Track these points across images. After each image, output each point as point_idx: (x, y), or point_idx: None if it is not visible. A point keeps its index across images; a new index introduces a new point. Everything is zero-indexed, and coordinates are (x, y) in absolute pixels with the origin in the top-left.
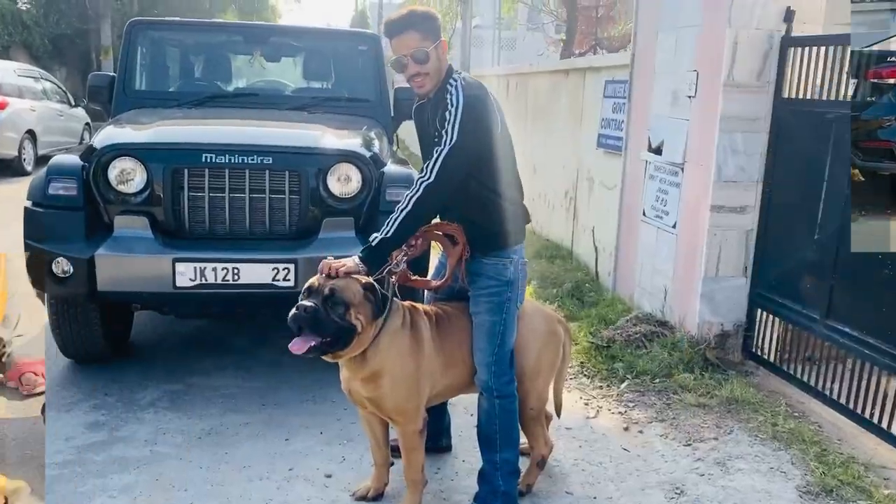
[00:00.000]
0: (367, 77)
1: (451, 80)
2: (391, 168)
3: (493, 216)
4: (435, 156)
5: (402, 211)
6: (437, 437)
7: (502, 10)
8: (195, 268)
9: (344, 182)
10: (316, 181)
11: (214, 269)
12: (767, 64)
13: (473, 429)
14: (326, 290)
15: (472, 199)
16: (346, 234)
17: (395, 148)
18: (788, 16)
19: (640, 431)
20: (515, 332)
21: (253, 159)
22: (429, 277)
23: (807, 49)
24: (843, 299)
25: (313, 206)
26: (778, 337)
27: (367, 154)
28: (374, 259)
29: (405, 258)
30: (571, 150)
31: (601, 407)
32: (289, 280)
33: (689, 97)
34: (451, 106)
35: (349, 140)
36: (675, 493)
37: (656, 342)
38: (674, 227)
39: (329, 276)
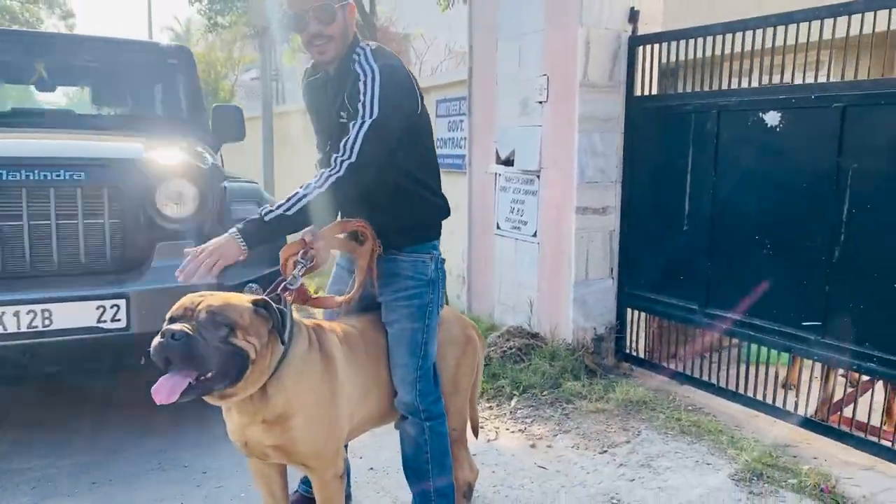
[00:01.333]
0: (179, 94)
1: (358, 49)
2: (233, 183)
3: (412, 205)
4: (353, 132)
5: (314, 189)
6: None
7: (285, 60)
8: None
9: (177, 200)
10: (143, 200)
11: (16, 314)
12: (617, 63)
13: (368, 472)
14: (201, 310)
15: (388, 185)
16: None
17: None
18: (633, 16)
19: (549, 446)
20: (437, 341)
21: (59, 175)
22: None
23: (655, 46)
24: (721, 286)
25: (141, 230)
26: (653, 334)
27: (203, 166)
28: (260, 235)
29: (303, 271)
30: None
31: (498, 427)
32: (119, 320)
33: (541, 102)
34: (365, 76)
35: (178, 152)
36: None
37: (534, 354)
38: (534, 235)
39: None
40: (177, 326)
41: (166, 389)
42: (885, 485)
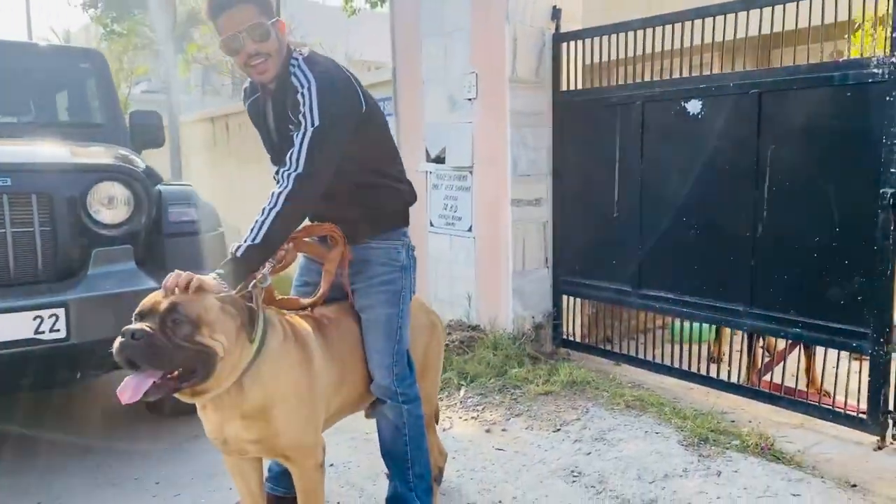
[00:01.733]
0: (94, 99)
1: (293, 60)
2: (167, 186)
3: (378, 196)
4: (297, 144)
5: (270, 211)
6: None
7: (180, 72)
8: None
9: (109, 204)
10: (74, 205)
11: None
12: (543, 60)
13: (329, 469)
14: (164, 307)
15: (350, 182)
16: (125, 267)
17: None
18: (556, 13)
19: (504, 430)
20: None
21: None
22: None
23: (577, 42)
24: (653, 267)
25: (75, 237)
26: (588, 319)
27: (136, 169)
28: (240, 274)
29: (271, 272)
30: None
31: (451, 417)
32: (58, 330)
33: (470, 99)
34: (303, 86)
35: (108, 156)
36: (574, 476)
37: (477, 346)
38: (469, 230)
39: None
40: (137, 325)
41: (130, 388)
42: (815, 439)
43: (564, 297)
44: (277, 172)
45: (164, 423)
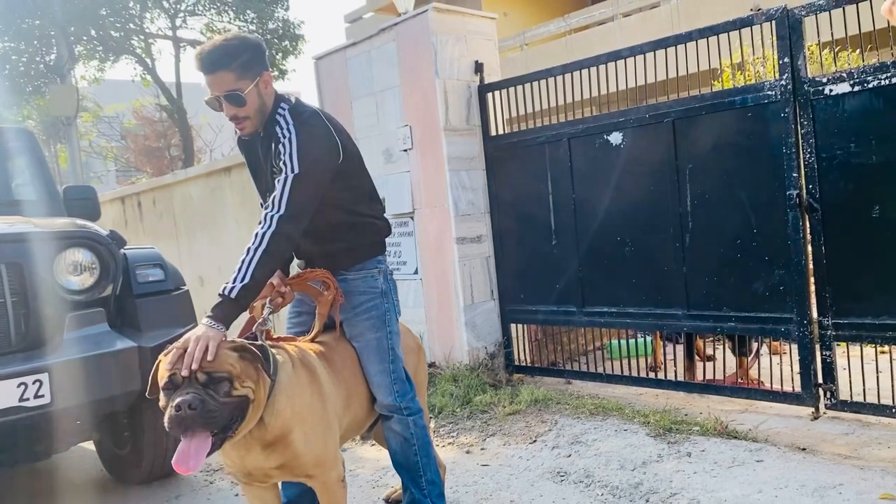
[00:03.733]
0: (25, 176)
1: (280, 110)
2: (131, 249)
3: (355, 231)
4: (279, 188)
5: (255, 250)
6: None
7: (60, 161)
8: None
9: (76, 270)
10: (43, 273)
11: None
12: (471, 109)
13: None
14: (201, 375)
15: (329, 220)
16: (99, 329)
17: None
18: (478, 67)
19: (483, 449)
20: (401, 344)
21: None
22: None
23: (502, 91)
24: (594, 286)
25: (47, 304)
26: (537, 344)
27: (101, 233)
28: (232, 313)
29: (272, 311)
30: None
31: None
32: (42, 396)
33: (406, 150)
34: (284, 137)
35: (70, 224)
36: (561, 476)
37: (437, 380)
38: (415, 273)
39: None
40: (188, 395)
41: (191, 456)
42: (761, 419)
43: (513, 326)
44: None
45: (134, 493)
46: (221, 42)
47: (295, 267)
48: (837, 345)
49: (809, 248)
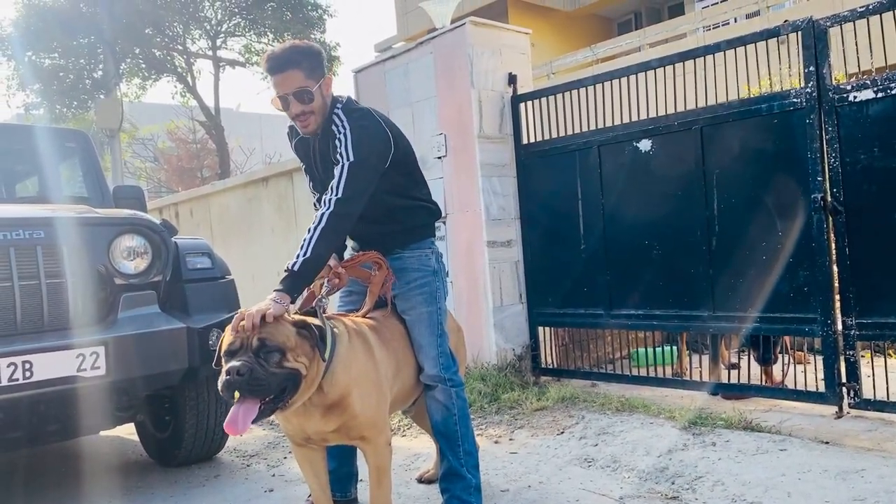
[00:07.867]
0: (80, 175)
1: (336, 110)
2: (182, 239)
3: (407, 213)
4: (337, 175)
5: (315, 229)
6: (346, 483)
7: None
8: None
9: (132, 253)
10: (100, 255)
11: None
12: (504, 118)
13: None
14: (255, 342)
15: (384, 205)
16: (150, 310)
17: None
18: (512, 79)
19: (511, 440)
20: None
21: (19, 235)
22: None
23: (535, 101)
24: (621, 289)
25: (102, 284)
26: (564, 346)
27: (155, 222)
28: (297, 286)
29: (329, 291)
30: (288, 253)
31: None
32: (98, 368)
33: (440, 157)
34: (339, 133)
35: (123, 213)
36: (588, 462)
37: (465, 378)
38: (447, 275)
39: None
40: (238, 362)
41: (240, 424)
42: (785, 417)
43: (540, 329)
44: (319, 199)
45: (174, 472)
46: (291, 45)
47: (350, 252)
48: (862, 354)
49: (833, 249)
